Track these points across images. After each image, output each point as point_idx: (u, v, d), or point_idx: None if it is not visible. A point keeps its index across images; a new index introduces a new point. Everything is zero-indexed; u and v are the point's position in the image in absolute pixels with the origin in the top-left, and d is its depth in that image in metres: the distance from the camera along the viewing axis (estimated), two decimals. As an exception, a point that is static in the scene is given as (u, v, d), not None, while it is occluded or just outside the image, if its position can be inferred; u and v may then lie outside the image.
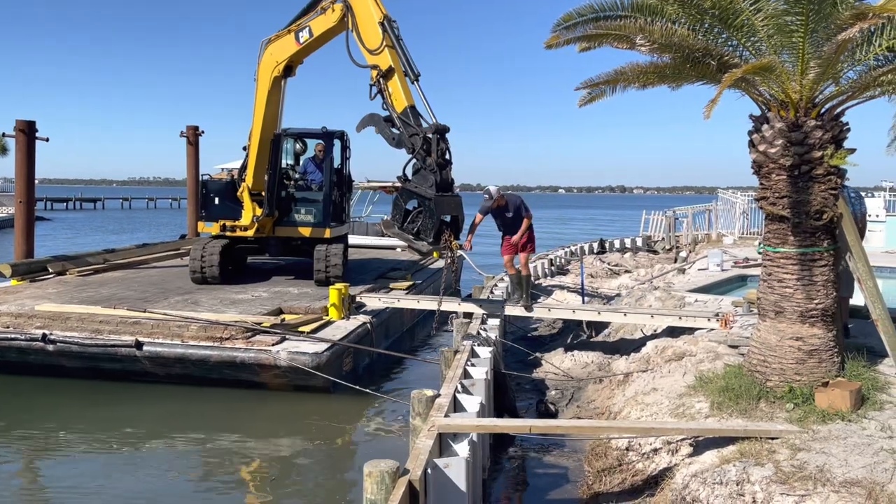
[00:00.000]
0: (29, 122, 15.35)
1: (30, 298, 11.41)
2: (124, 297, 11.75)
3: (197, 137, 21.84)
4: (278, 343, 9.47)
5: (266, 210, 13.17)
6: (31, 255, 15.36)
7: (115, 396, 9.65)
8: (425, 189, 10.02)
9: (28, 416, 9.05)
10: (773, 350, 6.59)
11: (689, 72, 6.74)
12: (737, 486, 5.10)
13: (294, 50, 12.67)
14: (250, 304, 11.42)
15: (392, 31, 11.33)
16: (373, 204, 26.18)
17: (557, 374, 10.30)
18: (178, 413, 9.28)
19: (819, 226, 6.47)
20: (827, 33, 5.91)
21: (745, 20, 6.34)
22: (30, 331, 9.76)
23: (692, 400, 6.81)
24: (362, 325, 10.80)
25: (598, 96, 7.58)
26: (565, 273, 21.43)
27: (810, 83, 6.30)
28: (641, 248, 27.65)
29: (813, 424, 5.76)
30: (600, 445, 7.10)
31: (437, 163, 10.12)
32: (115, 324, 9.84)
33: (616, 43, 6.78)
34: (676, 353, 8.67)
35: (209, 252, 13.18)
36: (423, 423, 5.78)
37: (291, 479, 7.55)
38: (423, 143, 10.26)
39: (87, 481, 7.31)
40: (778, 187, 6.53)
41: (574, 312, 11.21)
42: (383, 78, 11.12)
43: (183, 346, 9.52)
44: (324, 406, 9.49)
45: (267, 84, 12.96)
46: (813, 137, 6.36)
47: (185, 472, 7.65)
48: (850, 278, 7.18)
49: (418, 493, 4.52)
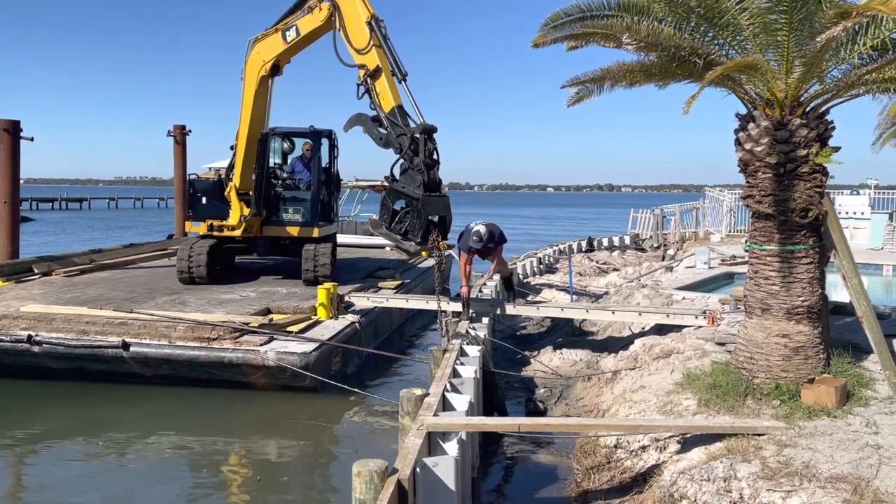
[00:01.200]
0: (13, 121, 15.24)
1: (15, 299, 11.31)
2: (111, 297, 11.67)
3: (184, 137, 21.75)
4: (266, 343, 9.43)
5: (253, 209, 13.12)
6: (16, 255, 15.23)
7: (102, 397, 9.58)
8: (413, 189, 10.01)
9: (13, 418, 8.96)
10: (760, 347, 6.63)
11: (676, 70, 6.77)
12: (724, 482, 5.13)
13: (281, 49, 12.62)
14: (238, 304, 11.37)
15: (379, 30, 11.30)
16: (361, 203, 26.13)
17: (546, 372, 10.32)
18: (165, 413, 9.23)
19: (804, 223, 6.51)
20: (811, 32, 5.95)
21: (730, 19, 6.37)
22: (15, 332, 9.68)
23: (680, 397, 6.85)
24: (351, 324, 10.78)
25: (586, 96, 7.60)
26: (554, 271, 21.47)
27: (795, 82, 6.34)
28: (629, 247, 27.74)
29: (799, 421, 5.80)
30: (589, 443, 7.12)
31: (425, 163, 10.11)
32: (102, 325, 9.77)
33: (603, 42, 6.80)
34: (664, 351, 8.71)
35: (197, 252, 13.11)
36: (412, 422, 5.78)
37: (280, 479, 7.52)
38: (411, 142, 10.25)
39: (74, 482, 7.26)
40: (764, 185, 6.57)
41: (563, 311, 11.23)
42: (370, 77, 11.09)
43: (170, 346, 9.47)
44: (312, 406, 9.46)
45: (254, 83, 12.91)
46: (798, 136, 6.40)
47: (171, 473, 7.60)
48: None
49: (407, 493, 4.51)
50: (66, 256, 15.74)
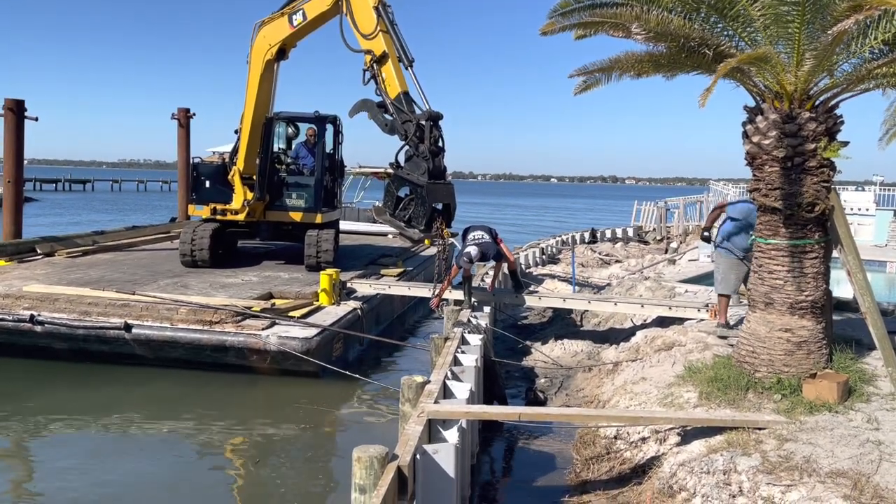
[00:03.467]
0: (18, 100, 15.20)
1: (18, 279, 11.31)
2: (113, 279, 11.67)
3: (188, 120, 21.68)
4: (268, 327, 9.43)
5: (257, 194, 13.09)
6: (19, 235, 15.24)
7: (104, 379, 9.60)
8: (418, 176, 9.96)
9: (15, 399, 8.99)
10: (763, 341, 6.61)
11: (685, 61, 6.72)
12: (724, 475, 5.13)
13: (287, 33, 12.50)
14: (240, 289, 11.37)
15: (387, 15, 11.19)
16: (364, 190, 26.08)
17: (547, 362, 10.32)
18: (165, 396, 9.25)
19: (811, 218, 6.48)
20: (823, 24, 5.89)
21: (741, 10, 6.31)
22: (18, 312, 9.68)
23: (681, 390, 6.84)
24: (353, 310, 10.78)
25: (593, 84, 7.56)
26: (556, 262, 21.45)
27: (805, 75, 6.29)
28: (632, 239, 27.72)
29: (800, 415, 5.79)
30: (589, 434, 7.12)
31: (430, 150, 10.05)
32: (104, 306, 9.78)
33: (612, 31, 6.75)
34: (666, 343, 8.70)
35: (199, 235, 13.10)
36: (412, 409, 5.78)
37: (280, 463, 7.55)
38: (416, 129, 10.19)
39: (76, 463, 7.28)
40: (771, 179, 6.54)
41: (565, 301, 11.22)
42: (377, 63, 11.00)
43: (172, 329, 9.47)
44: (313, 391, 9.48)
45: (259, 67, 12.83)
46: (807, 129, 6.36)
47: (171, 455, 7.63)
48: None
49: (407, 479, 4.52)
50: (69, 237, 15.73)
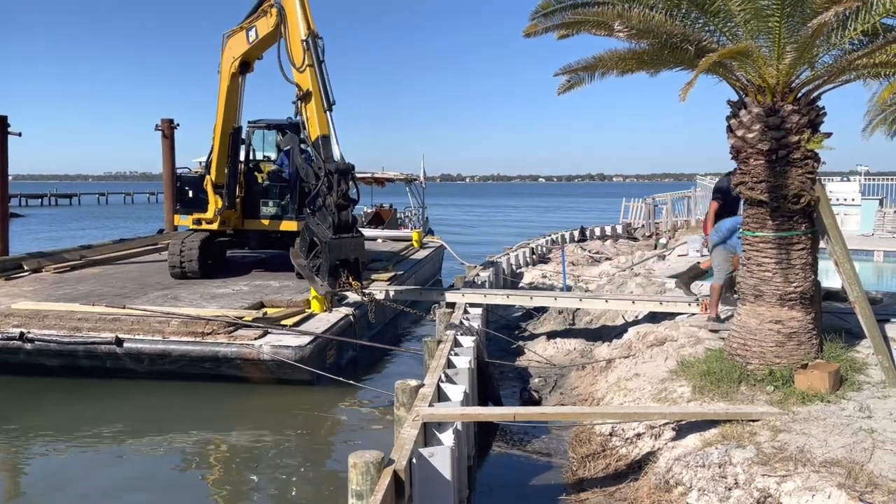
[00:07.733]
0: (1, 116, 15.09)
1: (5, 297, 11.23)
2: (103, 293, 11.60)
3: (172, 130, 21.54)
4: (261, 337, 9.40)
5: (225, 202, 13.04)
6: (5, 252, 15.13)
7: (96, 393, 9.53)
8: (323, 230, 9.51)
9: (7, 415, 8.91)
10: (753, 333, 6.65)
11: (668, 57, 6.76)
12: (719, 468, 5.16)
13: (246, 48, 12.33)
14: (231, 299, 11.33)
15: (316, 49, 10.29)
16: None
17: (540, 361, 10.34)
18: (160, 408, 9.19)
19: (797, 209, 6.53)
20: (802, 17, 5.95)
21: (721, 5, 6.37)
22: (7, 330, 9.59)
23: (674, 384, 6.87)
24: (345, 317, 10.74)
25: (578, 83, 7.59)
26: (546, 261, 21.50)
27: (787, 68, 6.34)
28: (621, 236, 27.80)
29: (793, 406, 5.83)
30: (584, 431, 7.14)
31: (337, 203, 9.50)
32: (95, 321, 9.71)
33: (594, 30, 6.78)
34: (658, 339, 8.73)
35: (188, 246, 13.05)
36: (407, 413, 5.77)
37: (276, 471, 7.51)
38: (325, 179, 9.61)
39: (70, 477, 7.24)
40: (756, 172, 6.58)
41: (556, 300, 11.25)
42: (301, 100, 10.31)
43: (164, 341, 9.42)
44: (308, 398, 9.45)
45: (226, 79, 12.82)
46: (790, 122, 6.41)
47: (167, 466, 7.59)
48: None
49: (403, 483, 4.51)
50: (56, 252, 15.62)
